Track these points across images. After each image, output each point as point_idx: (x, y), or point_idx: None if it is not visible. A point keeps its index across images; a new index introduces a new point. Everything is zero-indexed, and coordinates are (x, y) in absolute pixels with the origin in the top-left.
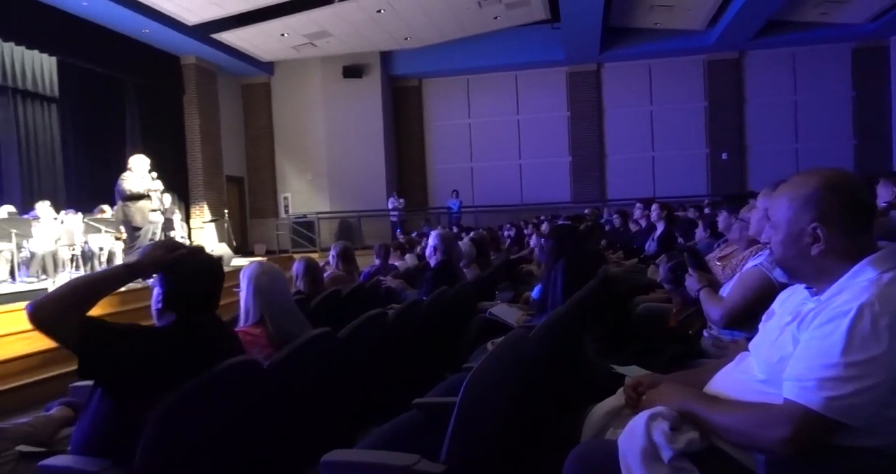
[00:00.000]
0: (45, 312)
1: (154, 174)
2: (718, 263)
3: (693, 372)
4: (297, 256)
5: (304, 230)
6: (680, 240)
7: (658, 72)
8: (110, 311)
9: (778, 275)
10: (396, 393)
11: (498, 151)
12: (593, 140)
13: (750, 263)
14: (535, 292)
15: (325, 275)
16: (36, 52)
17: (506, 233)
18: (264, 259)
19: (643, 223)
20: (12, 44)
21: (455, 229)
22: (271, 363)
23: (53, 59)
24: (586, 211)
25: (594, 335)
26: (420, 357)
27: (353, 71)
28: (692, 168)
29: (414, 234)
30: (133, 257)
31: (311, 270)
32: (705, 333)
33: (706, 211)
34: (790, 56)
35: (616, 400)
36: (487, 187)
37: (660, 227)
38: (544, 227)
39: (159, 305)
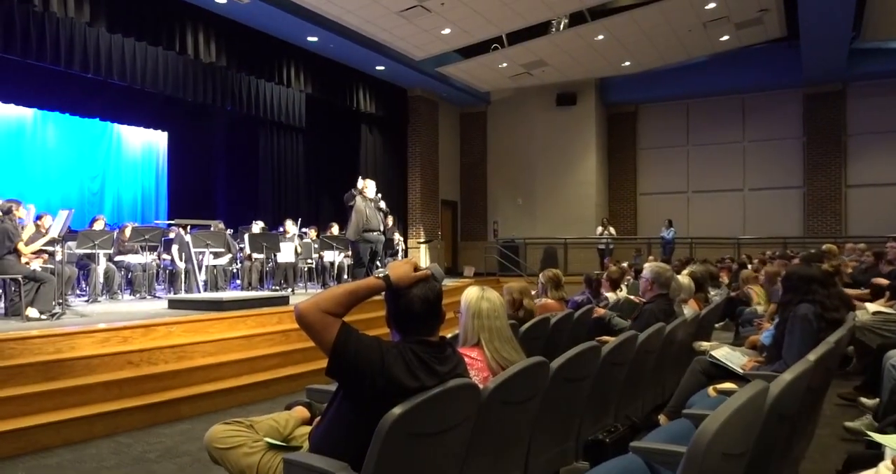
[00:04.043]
0: (311, 314)
1: (380, 196)
2: None
3: None
4: (503, 280)
5: (511, 254)
6: None
7: None
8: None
9: None
10: (605, 430)
11: (718, 179)
12: (833, 168)
13: None
14: (765, 337)
15: (536, 302)
16: (291, 89)
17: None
18: (483, 286)
19: None
20: (273, 83)
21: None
22: (486, 388)
23: (303, 95)
24: (823, 247)
25: (836, 393)
26: (630, 394)
27: (566, 98)
28: None
29: (625, 265)
30: (385, 270)
31: (522, 296)
32: None
33: None
34: None
35: None
36: (705, 217)
37: None
38: (776, 264)
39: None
